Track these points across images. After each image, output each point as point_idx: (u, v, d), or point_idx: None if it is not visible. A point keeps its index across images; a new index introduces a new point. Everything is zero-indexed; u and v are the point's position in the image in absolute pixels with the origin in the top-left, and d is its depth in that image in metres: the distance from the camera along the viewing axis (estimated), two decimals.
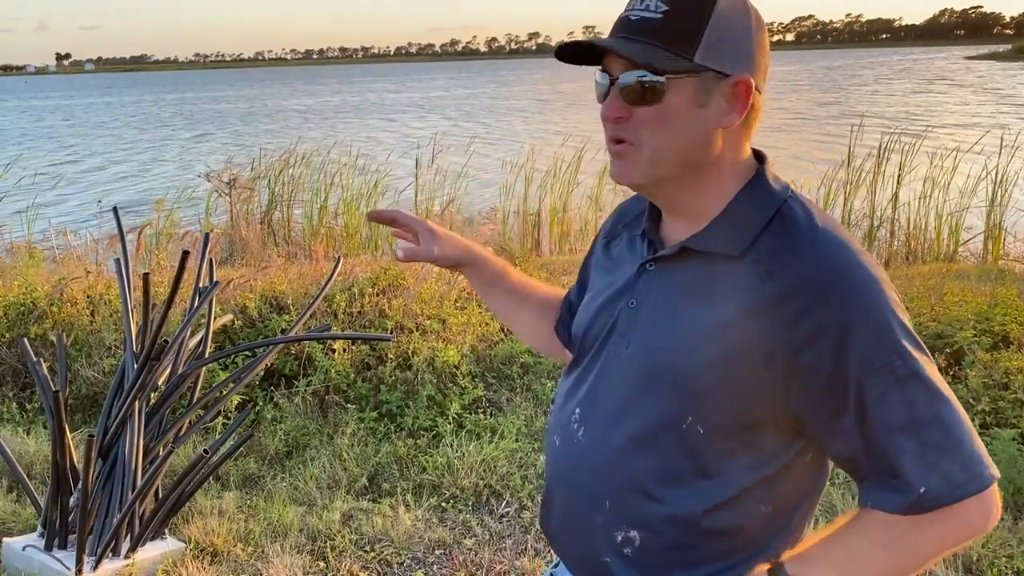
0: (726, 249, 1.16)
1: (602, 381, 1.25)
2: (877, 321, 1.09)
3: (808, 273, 1.10)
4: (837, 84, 48.53)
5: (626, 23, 1.15)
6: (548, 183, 9.68)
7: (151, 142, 26.59)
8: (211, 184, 9.28)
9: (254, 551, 3.27)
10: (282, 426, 4.22)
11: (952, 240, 8.62)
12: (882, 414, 1.09)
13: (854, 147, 9.14)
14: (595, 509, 1.24)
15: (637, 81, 1.13)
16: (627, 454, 1.20)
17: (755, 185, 1.19)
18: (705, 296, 1.16)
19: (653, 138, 1.15)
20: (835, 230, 1.15)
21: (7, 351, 4.83)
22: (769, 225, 1.15)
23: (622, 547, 1.22)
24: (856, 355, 1.08)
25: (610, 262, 1.36)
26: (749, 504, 1.18)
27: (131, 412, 3.10)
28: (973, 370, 4.14)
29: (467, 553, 3.30)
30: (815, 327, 1.08)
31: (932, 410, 1.09)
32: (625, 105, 1.15)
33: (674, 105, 1.13)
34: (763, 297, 1.11)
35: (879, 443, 1.10)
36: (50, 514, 3.13)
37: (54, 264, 6.91)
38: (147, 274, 3.21)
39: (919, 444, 1.08)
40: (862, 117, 10.14)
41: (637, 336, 1.22)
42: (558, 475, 1.31)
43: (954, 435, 1.09)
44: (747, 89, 1.14)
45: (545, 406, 4.35)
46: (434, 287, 5.17)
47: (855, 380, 1.09)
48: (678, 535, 1.19)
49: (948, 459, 1.08)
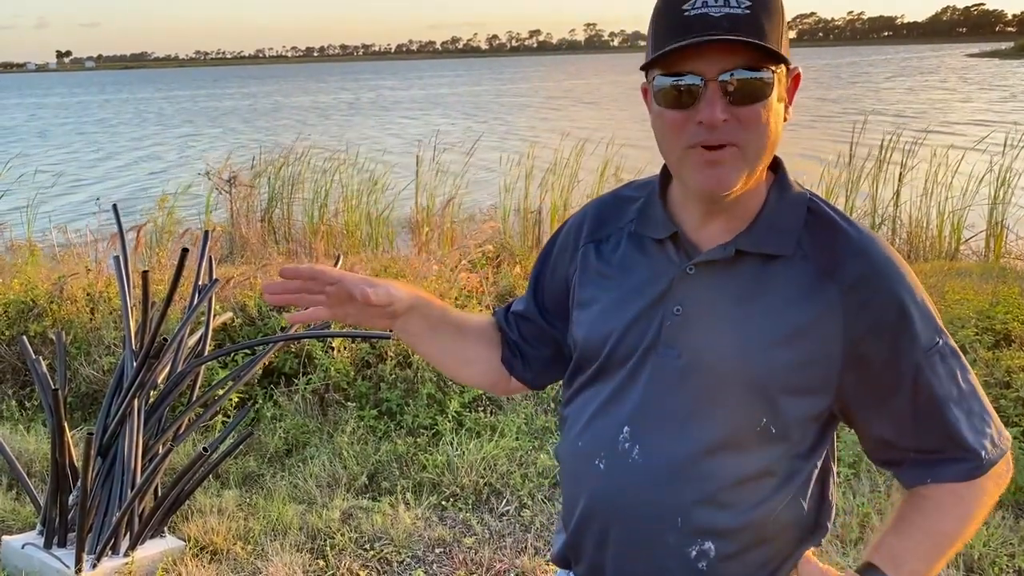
0: (780, 249, 1.17)
1: (655, 395, 1.19)
2: (921, 306, 1.17)
3: (863, 270, 1.15)
4: (844, 81, 48.45)
5: (706, 20, 1.06)
6: (549, 180, 9.66)
7: (154, 139, 26.57)
8: (211, 182, 9.27)
9: (254, 549, 3.27)
10: (282, 424, 4.22)
11: (954, 238, 8.60)
12: (936, 391, 1.17)
13: (860, 144, 9.13)
14: (665, 528, 1.18)
15: (750, 78, 1.08)
16: (701, 464, 1.16)
17: (782, 184, 1.21)
18: (765, 298, 1.16)
19: (757, 137, 1.11)
20: (864, 224, 1.21)
21: (6, 349, 4.83)
22: (804, 224, 1.18)
23: (696, 561, 1.18)
24: (910, 341, 1.15)
25: (611, 268, 1.27)
26: (797, 498, 1.21)
27: (130, 410, 3.09)
28: (975, 368, 4.12)
29: (467, 551, 3.30)
30: (875, 318, 1.14)
31: (968, 382, 1.20)
32: (729, 105, 1.08)
33: (773, 100, 1.11)
34: (826, 296, 1.14)
35: (934, 417, 1.17)
36: (49, 512, 3.13)
37: (54, 262, 6.91)
38: (146, 272, 3.20)
39: (967, 414, 1.19)
40: (866, 115, 10.10)
41: (693, 343, 1.17)
42: (607, 501, 1.21)
43: (985, 402, 1.21)
44: (797, 81, 1.16)
45: (546, 404, 4.35)
46: (434, 285, 5.17)
47: (912, 363, 1.16)
48: (751, 538, 1.19)
49: (988, 424, 1.21)
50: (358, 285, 1.27)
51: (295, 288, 1.28)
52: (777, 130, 1.13)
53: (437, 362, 1.47)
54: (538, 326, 1.42)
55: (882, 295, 1.14)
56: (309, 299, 1.29)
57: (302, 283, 1.28)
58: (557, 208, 9.38)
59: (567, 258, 1.35)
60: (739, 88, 1.08)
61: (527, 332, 1.43)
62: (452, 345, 1.43)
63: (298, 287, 1.28)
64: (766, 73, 1.09)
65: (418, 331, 1.39)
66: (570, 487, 1.29)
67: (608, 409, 1.23)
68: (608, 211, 1.32)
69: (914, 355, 1.15)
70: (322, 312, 1.30)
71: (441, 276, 5.37)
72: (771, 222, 1.18)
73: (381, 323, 1.35)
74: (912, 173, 8.98)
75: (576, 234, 1.34)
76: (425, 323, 1.38)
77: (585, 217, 1.35)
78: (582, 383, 1.29)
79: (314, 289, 1.29)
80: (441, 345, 1.42)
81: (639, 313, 1.22)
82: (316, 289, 1.29)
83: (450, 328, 1.42)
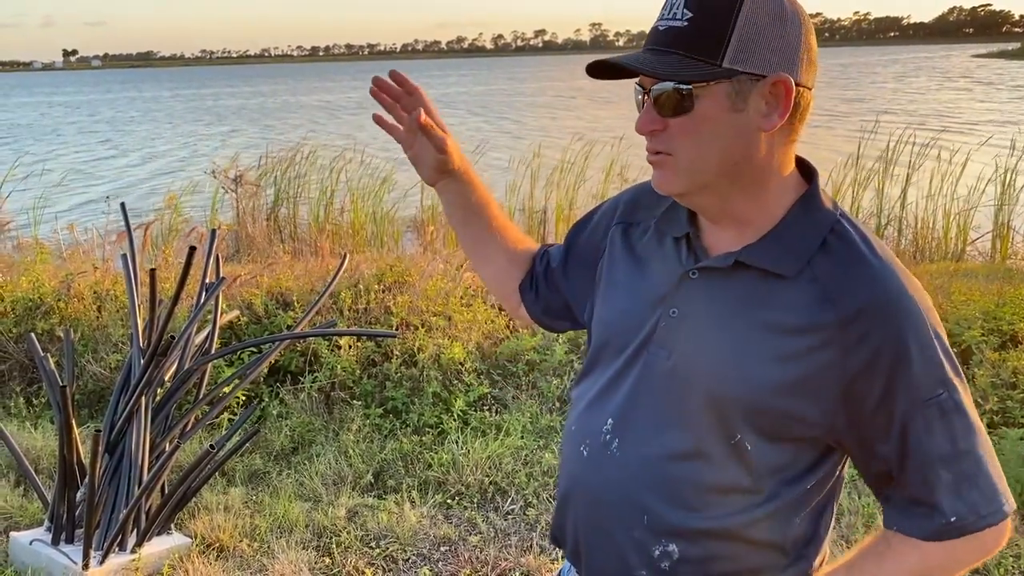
0: (782, 269, 1.14)
1: (641, 392, 1.21)
2: (928, 352, 1.11)
3: (868, 301, 1.10)
4: (856, 81, 48.28)
5: (655, 34, 1.13)
6: (555, 179, 9.67)
7: (163, 137, 26.62)
8: (218, 180, 9.30)
9: (260, 547, 3.28)
10: (288, 422, 4.23)
11: (960, 239, 8.59)
12: (924, 446, 1.12)
13: (869, 145, 9.12)
14: (631, 523, 1.20)
15: (665, 93, 1.11)
16: (671, 467, 1.18)
17: (808, 200, 1.17)
18: (759, 313, 1.14)
19: (688, 147, 1.13)
20: (889, 255, 1.16)
21: (14, 346, 4.85)
22: (824, 244, 1.14)
23: (659, 561, 1.19)
24: (906, 386, 1.10)
25: (633, 256, 1.30)
26: (787, 516, 1.19)
27: (137, 407, 3.11)
28: (981, 369, 4.12)
29: (472, 550, 3.31)
30: (871, 354, 1.10)
31: (968, 443, 1.13)
32: (658, 117, 1.13)
33: (706, 112, 1.10)
34: (823, 322, 1.11)
35: (917, 471, 1.13)
36: (57, 508, 3.14)
37: (60, 260, 6.93)
38: (153, 270, 3.21)
39: (954, 475, 1.13)
40: (877, 115, 10.09)
41: (682, 348, 1.18)
42: (583, 487, 1.26)
43: (984, 468, 1.14)
44: (787, 89, 1.10)
45: (551, 403, 4.35)
46: (440, 284, 5.17)
47: (901, 411, 1.11)
48: (717, 547, 1.18)
49: (977, 490, 1.13)
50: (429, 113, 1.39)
51: (397, 95, 1.41)
52: (725, 140, 1.11)
53: (462, 241, 1.54)
54: (557, 275, 1.47)
55: (882, 330, 1.09)
56: (400, 113, 1.42)
57: (401, 95, 1.41)
58: (562, 208, 9.38)
59: (602, 230, 1.39)
60: (662, 101, 1.12)
61: (550, 275, 1.48)
62: (482, 234, 1.50)
63: (399, 95, 1.41)
64: (686, 87, 1.09)
65: (454, 199, 1.48)
66: (560, 469, 1.34)
67: (599, 398, 1.26)
68: (647, 198, 1.33)
69: (905, 403, 1.11)
70: (401, 132, 1.42)
71: (446, 275, 5.38)
72: (782, 238, 1.15)
73: (430, 172, 1.44)
74: (919, 173, 8.97)
75: (614, 211, 1.38)
76: (463, 195, 1.47)
77: (627, 197, 1.39)
78: (587, 366, 1.33)
79: (408, 106, 1.41)
80: (472, 231, 1.51)
81: (642, 308, 1.24)
82: (410, 106, 1.40)
83: (486, 218, 1.49)
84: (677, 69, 1.09)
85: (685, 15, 1.10)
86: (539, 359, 4.60)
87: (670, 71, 1.10)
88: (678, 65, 1.10)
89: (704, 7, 1.09)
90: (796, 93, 1.11)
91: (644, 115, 1.15)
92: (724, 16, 1.09)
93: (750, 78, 1.10)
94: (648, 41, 1.15)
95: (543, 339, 4.68)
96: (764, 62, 1.10)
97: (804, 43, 1.13)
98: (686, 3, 1.10)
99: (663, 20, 1.13)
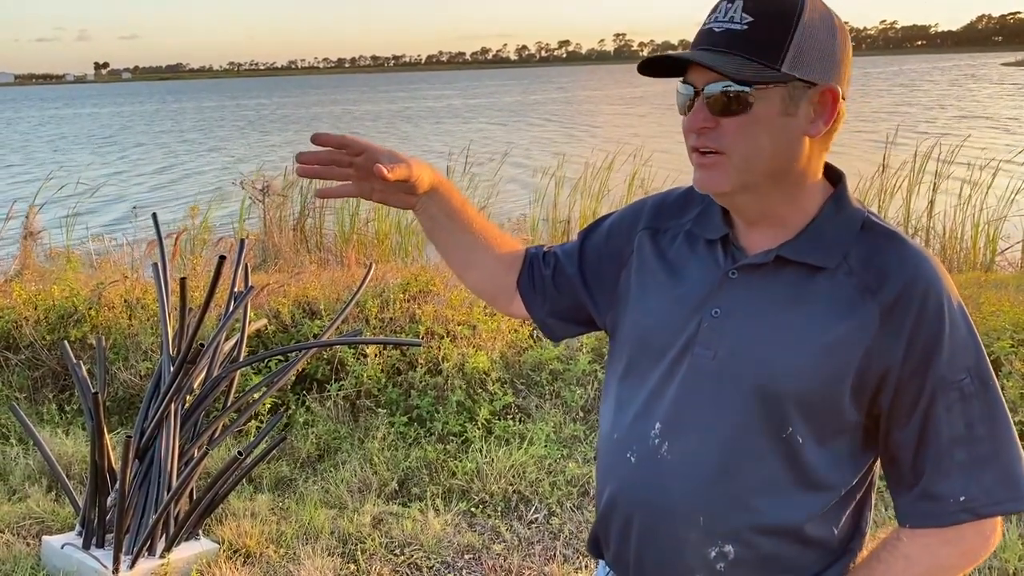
0: (822, 261, 1.18)
1: (688, 394, 1.21)
2: (958, 337, 1.15)
3: (904, 288, 1.14)
4: (890, 92, 47.86)
5: (710, 35, 1.15)
6: (580, 188, 9.68)
7: (195, 149, 26.93)
8: (245, 191, 9.40)
9: (286, 553, 3.31)
10: (314, 430, 4.27)
11: (989, 249, 8.48)
12: (941, 427, 1.15)
13: (893, 154, 9.04)
14: (687, 526, 1.21)
15: (722, 92, 1.13)
16: (726, 467, 1.19)
17: (839, 198, 1.22)
18: (803, 307, 1.17)
19: (743, 146, 1.15)
20: (918, 244, 1.20)
21: (47, 354, 4.93)
22: (858, 237, 1.19)
23: (715, 562, 1.20)
24: (935, 368, 1.14)
25: (664, 261, 1.31)
26: (838, 512, 1.21)
27: (167, 414, 3.15)
28: (1010, 381, 4.08)
29: (496, 558, 3.31)
30: (908, 339, 1.14)
31: (987, 429, 1.16)
32: (711, 115, 1.15)
33: (761, 114, 1.13)
34: (866, 312, 1.15)
35: (932, 448, 1.16)
36: (88, 513, 3.19)
37: (92, 269, 7.04)
38: (183, 279, 3.26)
39: (969, 456, 1.15)
40: (897, 126, 10.01)
41: (728, 345, 1.20)
42: (634, 493, 1.25)
43: (1005, 456, 1.16)
44: (834, 98, 1.15)
45: (574, 413, 4.35)
46: (464, 293, 5.20)
47: (928, 391, 1.15)
48: (773, 546, 1.19)
49: (993, 475, 1.16)
50: (380, 157, 1.28)
51: (325, 159, 1.30)
52: (776, 142, 1.15)
53: (445, 253, 1.46)
54: (570, 279, 1.43)
55: (920, 318, 1.13)
56: (339, 172, 1.31)
57: (331, 154, 1.29)
58: (586, 218, 9.38)
59: (625, 236, 1.38)
60: (716, 101, 1.14)
61: (560, 278, 1.44)
62: (464, 238, 1.42)
63: (328, 157, 1.30)
64: (745, 88, 1.12)
65: (435, 214, 1.39)
66: (601, 477, 1.33)
67: (643, 404, 1.26)
68: (672, 205, 1.35)
69: (932, 384, 1.14)
70: (350, 188, 1.31)
71: None
72: (819, 234, 1.19)
73: (403, 200, 1.36)
74: (948, 183, 8.88)
75: (640, 217, 1.38)
76: (443, 209, 1.39)
77: (652, 203, 1.39)
78: (623, 374, 1.32)
79: (343, 161, 1.30)
80: (453, 237, 1.42)
81: (680, 311, 1.25)
82: (345, 161, 1.30)
83: (467, 222, 1.42)
84: (739, 69, 1.12)
85: (745, 19, 1.13)
86: (563, 369, 4.61)
87: (732, 71, 1.12)
88: (740, 65, 1.12)
89: (765, 12, 1.13)
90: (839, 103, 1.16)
91: (696, 112, 1.16)
92: (785, 22, 1.13)
93: (803, 85, 1.14)
94: (700, 42, 1.16)
95: (567, 349, 4.68)
96: (816, 70, 1.14)
97: (847, 55, 1.18)
98: (744, 7, 1.13)
99: (718, 23, 1.14)
